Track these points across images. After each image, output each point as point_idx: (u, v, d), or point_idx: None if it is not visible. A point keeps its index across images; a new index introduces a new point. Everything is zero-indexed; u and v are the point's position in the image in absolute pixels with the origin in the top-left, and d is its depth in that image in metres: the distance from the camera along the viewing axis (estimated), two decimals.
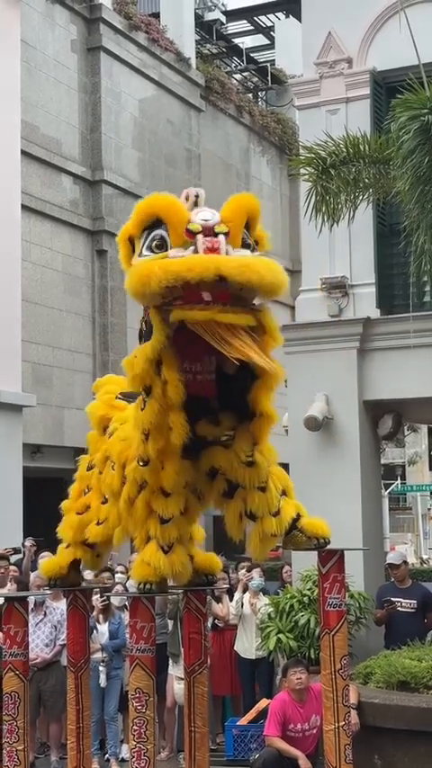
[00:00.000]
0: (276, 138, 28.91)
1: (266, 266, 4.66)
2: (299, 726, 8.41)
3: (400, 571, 10.53)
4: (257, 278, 4.59)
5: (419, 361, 11.33)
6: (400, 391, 11.59)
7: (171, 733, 10.63)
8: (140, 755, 5.21)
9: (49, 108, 20.68)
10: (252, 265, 4.61)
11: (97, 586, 9.40)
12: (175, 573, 5.21)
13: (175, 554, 5.15)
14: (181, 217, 4.89)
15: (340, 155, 9.78)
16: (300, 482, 11.63)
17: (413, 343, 10.95)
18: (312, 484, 11.44)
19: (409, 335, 11.48)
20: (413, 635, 9.43)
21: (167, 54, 24.04)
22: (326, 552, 5.64)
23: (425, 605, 10.46)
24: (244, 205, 5.06)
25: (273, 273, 4.68)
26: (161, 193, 5.06)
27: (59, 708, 10.17)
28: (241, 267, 4.58)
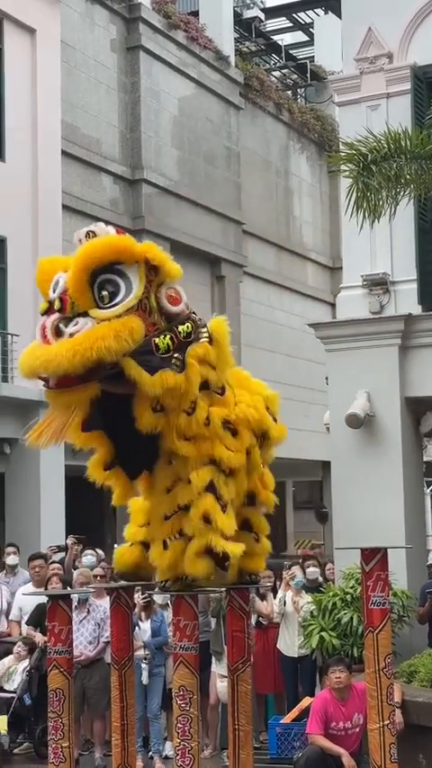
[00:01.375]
0: (316, 135, 28.81)
1: (69, 349, 4.86)
2: (341, 724, 8.38)
3: None
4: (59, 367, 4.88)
5: None
6: None
7: (214, 731, 10.63)
8: (185, 753, 5.23)
9: (89, 108, 20.77)
10: (54, 355, 4.89)
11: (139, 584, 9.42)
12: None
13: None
14: (44, 292, 5.21)
15: (381, 151, 9.72)
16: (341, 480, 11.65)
17: None
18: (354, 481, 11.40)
19: None
20: None
21: (206, 52, 24.05)
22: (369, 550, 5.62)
23: None
24: (83, 260, 5.01)
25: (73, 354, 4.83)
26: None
27: (103, 705, 10.22)
28: (46, 363, 4.95)
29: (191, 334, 5.23)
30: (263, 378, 6.19)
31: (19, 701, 10.38)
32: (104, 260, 5.00)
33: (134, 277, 5.07)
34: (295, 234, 28.26)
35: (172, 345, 5.11)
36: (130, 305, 4.98)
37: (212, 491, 5.27)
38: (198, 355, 5.20)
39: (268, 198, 27.09)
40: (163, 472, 5.47)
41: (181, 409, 5.13)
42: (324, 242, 29.45)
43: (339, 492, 11.71)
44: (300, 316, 26.40)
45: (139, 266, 5.10)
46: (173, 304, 5.22)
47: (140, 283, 5.08)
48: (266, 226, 26.72)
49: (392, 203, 9.97)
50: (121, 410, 5.15)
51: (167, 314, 5.20)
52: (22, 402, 17.55)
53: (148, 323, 5.06)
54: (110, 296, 4.99)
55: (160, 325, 5.14)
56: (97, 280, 4.99)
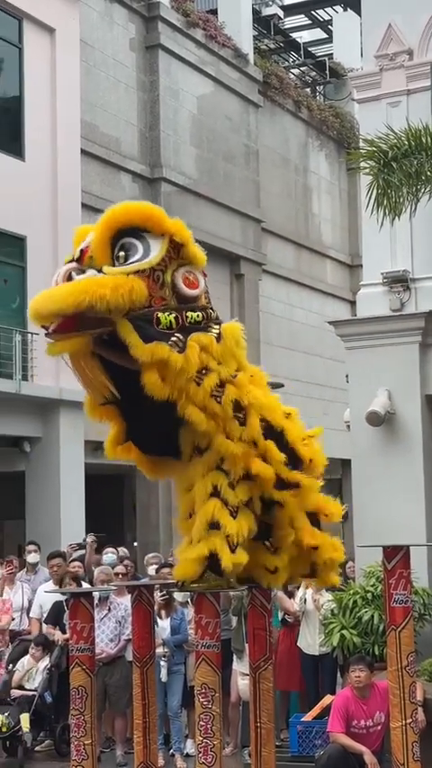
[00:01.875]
0: (335, 133, 28.75)
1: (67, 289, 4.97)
2: (362, 722, 8.36)
3: None
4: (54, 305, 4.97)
5: None
6: None
7: (235, 729, 10.63)
8: (207, 751, 5.23)
9: (108, 107, 20.80)
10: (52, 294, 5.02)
11: (159, 582, 9.45)
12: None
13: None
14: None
15: (401, 147, 9.68)
16: (362, 478, 11.62)
17: None
18: (375, 479, 11.37)
19: None
20: None
21: (225, 50, 24.04)
22: (391, 548, 5.61)
23: None
24: (110, 219, 5.17)
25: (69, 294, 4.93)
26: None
27: (124, 702, 10.24)
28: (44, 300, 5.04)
29: (199, 323, 5.23)
30: (282, 376, 6.22)
31: (40, 699, 10.41)
32: (131, 223, 5.13)
33: (155, 247, 5.14)
34: (314, 231, 28.21)
35: (175, 324, 5.12)
36: (139, 267, 5.04)
37: (217, 495, 5.29)
38: (201, 342, 5.19)
39: (287, 196, 27.05)
40: (182, 472, 5.50)
41: (187, 382, 5.11)
42: (343, 239, 29.39)
43: (360, 490, 11.68)
44: (319, 313, 26.35)
45: (164, 239, 5.16)
46: (188, 287, 5.25)
47: (159, 254, 5.13)
48: (285, 223, 26.68)
49: (413, 200, 9.92)
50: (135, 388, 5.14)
51: (180, 295, 5.22)
52: (42, 401, 17.61)
53: (156, 295, 5.09)
54: (125, 257, 5.07)
55: (169, 303, 5.15)
56: (120, 241, 5.07)
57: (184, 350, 5.08)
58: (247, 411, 5.42)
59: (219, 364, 5.25)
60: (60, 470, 17.78)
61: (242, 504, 5.36)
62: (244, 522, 5.32)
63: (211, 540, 5.22)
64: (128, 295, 4.92)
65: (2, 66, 18.53)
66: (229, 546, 5.21)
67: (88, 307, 4.86)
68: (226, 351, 5.33)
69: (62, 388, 17.66)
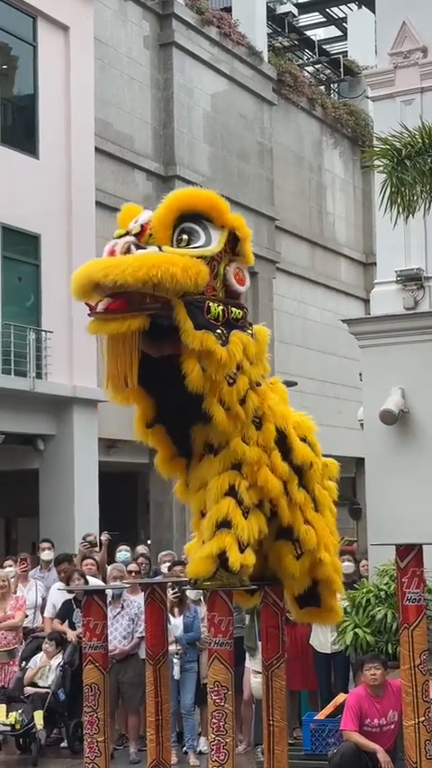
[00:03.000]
0: (349, 131, 28.70)
1: (137, 261, 4.77)
2: (376, 721, 8.35)
3: None
4: (121, 275, 4.72)
5: None
6: None
7: (248, 727, 10.64)
8: (220, 748, 5.24)
9: (122, 105, 20.81)
10: (119, 263, 4.78)
11: (171, 580, 9.46)
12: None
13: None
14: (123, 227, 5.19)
15: (416, 145, 9.67)
16: (376, 476, 11.61)
17: None
18: (389, 478, 11.36)
19: None
20: None
21: (239, 48, 24.02)
22: (404, 547, 5.60)
23: None
24: (176, 201, 5.16)
25: (139, 266, 4.75)
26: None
27: (137, 700, 10.26)
28: (107, 268, 4.77)
29: (240, 320, 5.24)
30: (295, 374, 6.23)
31: (54, 696, 10.44)
32: (195, 208, 5.15)
33: (215, 237, 5.16)
34: (328, 230, 28.17)
35: (221, 317, 5.10)
36: (203, 254, 5.04)
37: (233, 495, 5.29)
38: (242, 340, 5.21)
39: (301, 194, 27.02)
40: (194, 471, 5.51)
41: (223, 378, 5.10)
42: (357, 238, 29.34)
43: (374, 488, 11.67)
44: (333, 312, 26.32)
45: (224, 231, 5.18)
46: (238, 283, 5.27)
47: (219, 244, 5.16)
48: (299, 222, 26.65)
49: (427, 198, 9.92)
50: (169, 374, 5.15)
51: (230, 289, 5.26)
52: (55, 399, 17.65)
53: (210, 285, 5.08)
54: (187, 241, 5.07)
55: (218, 295, 5.15)
56: (181, 224, 5.07)
57: (227, 344, 5.09)
58: (264, 417, 5.44)
59: (251, 365, 5.27)
60: (74, 468, 17.81)
61: (254, 505, 5.37)
62: (255, 523, 5.33)
63: (222, 539, 5.23)
64: (195, 278, 4.88)
65: (16, 64, 18.57)
66: (239, 545, 5.22)
67: (157, 283, 4.75)
68: (260, 352, 5.37)
69: (76, 385, 17.70)
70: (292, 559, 5.67)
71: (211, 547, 5.24)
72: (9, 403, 16.72)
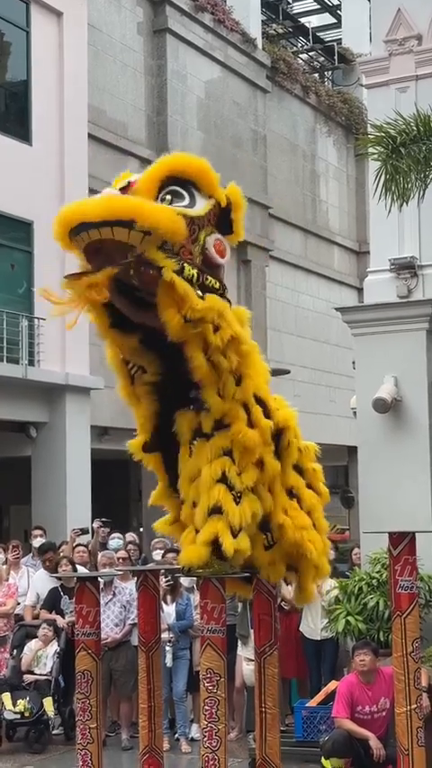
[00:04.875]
0: (343, 119, 28.65)
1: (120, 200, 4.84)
2: (367, 708, 8.38)
3: None
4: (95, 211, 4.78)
5: None
6: None
7: (240, 714, 10.67)
8: (212, 735, 5.25)
9: (115, 91, 20.74)
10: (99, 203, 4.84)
11: (164, 567, 9.47)
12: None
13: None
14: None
15: (410, 133, 9.61)
16: (368, 464, 11.61)
17: None
18: (381, 466, 11.35)
19: None
20: None
21: (233, 35, 23.94)
22: (397, 535, 5.61)
23: None
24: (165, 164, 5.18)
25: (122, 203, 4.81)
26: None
27: (129, 687, 10.28)
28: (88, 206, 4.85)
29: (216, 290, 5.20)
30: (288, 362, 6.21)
31: (56, 683, 10.47)
32: (184, 173, 5.18)
33: (200, 204, 5.15)
34: (321, 218, 28.15)
35: (196, 280, 5.06)
36: (184, 213, 5.02)
37: (224, 481, 5.29)
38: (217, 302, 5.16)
39: (294, 182, 26.98)
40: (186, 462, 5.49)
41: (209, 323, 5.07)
42: (350, 226, 29.32)
43: (366, 476, 11.67)
44: (326, 300, 26.32)
45: (210, 200, 5.20)
46: (218, 254, 5.23)
47: (203, 209, 5.14)
48: (293, 210, 26.62)
49: (421, 186, 9.87)
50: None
51: (208, 259, 5.21)
52: (48, 386, 17.63)
53: (187, 248, 5.06)
54: (170, 202, 5.06)
55: (194, 261, 5.11)
56: (168, 186, 5.07)
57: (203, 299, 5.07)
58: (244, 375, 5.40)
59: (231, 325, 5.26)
60: (66, 456, 17.80)
61: (247, 488, 5.35)
62: (248, 507, 5.31)
63: (214, 525, 5.23)
64: (176, 230, 4.88)
65: (9, 49, 18.48)
66: (232, 531, 5.21)
67: (142, 221, 4.73)
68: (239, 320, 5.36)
69: (68, 373, 17.68)
70: (261, 549, 5.65)
71: (203, 534, 5.24)
72: (1, 390, 16.70)
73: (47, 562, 11.43)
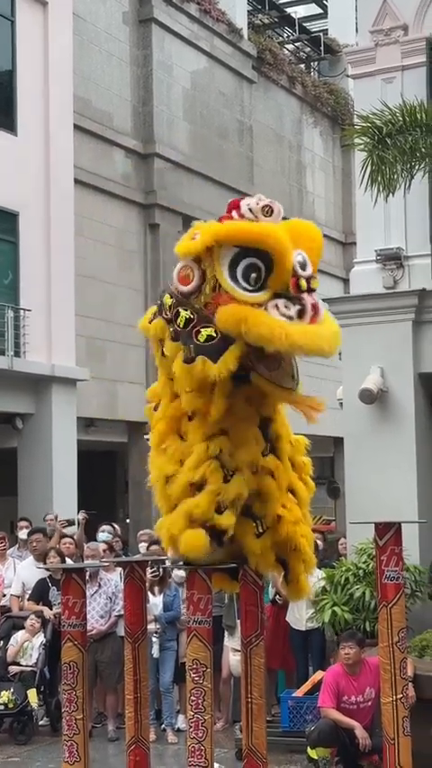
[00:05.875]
0: (329, 109, 28.62)
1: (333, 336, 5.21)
2: (353, 698, 8.40)
3: None
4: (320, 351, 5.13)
5: None
6: None
7: (227, 704, 10.69)
8: (198, 726, 5.25)
9: (100, 81, 20.66)
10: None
11: (150, 558, 9.46)
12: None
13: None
14: (289, 261, 5.08)
15: (396, 124, 9.64)
16: (354, 455, 11.63)
17: None
18: (367, 457, 11.38)
19: None
20: None
21: (219, 25, 23.87)
22: (383, 525, 5.61)
23: None
24: (319, 247, 5.38)
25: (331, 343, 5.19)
26: (264, 223, 5.22)
27: (115, 678, 10.28)
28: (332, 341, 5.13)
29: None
30: None
31: (41, 674, 10.46)
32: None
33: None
34: (308, 208, 28.12)
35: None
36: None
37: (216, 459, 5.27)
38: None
39: (281, 172, 26.95)
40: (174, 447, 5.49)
41: None
42: (336, 217, 29.31)
43: (352, 467, 11.70)
44: None
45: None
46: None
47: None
48: (279, 200, 25.73)
49: (407, 177, 9.90)
50: None
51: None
52: (34, 377, 17.59)
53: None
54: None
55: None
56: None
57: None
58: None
59: None
60: (53, 447, 17.77)
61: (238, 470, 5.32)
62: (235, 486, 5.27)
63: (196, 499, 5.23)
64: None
65: None
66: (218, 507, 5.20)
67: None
68: None
69: (54, 364, 17.64)
70: (252, 537, 5.61)
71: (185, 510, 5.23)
72: None
73: (34, 542, 11.41)
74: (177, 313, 5.11)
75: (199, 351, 5.02)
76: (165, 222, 21.55)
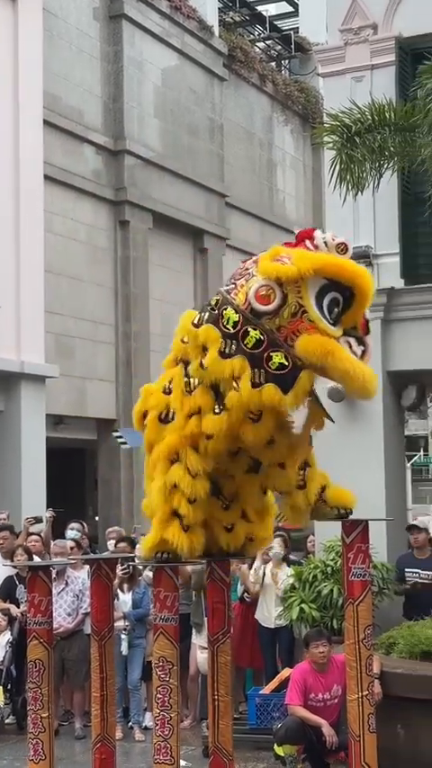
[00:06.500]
0: (299, 108, 28.66)
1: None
2: (320, 695, 8.43)
3: (421, 537, 10.63)
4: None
5: None
6: (423, 362, 11.50)
7: (194, 702, 10.69)
8: (164, 723, 5.25)
9: (71, 77, 20.57)
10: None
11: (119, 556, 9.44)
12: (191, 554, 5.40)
13: (194, 535, 5.34)
14: (369, 300, 5.24)
15: (365, 122, 9.65)
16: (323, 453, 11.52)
17: None
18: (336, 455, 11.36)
19: None
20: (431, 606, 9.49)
21: (190, 22, 23.83)
22: (350, 523, 5.63)
23: None
24: (372, 295, 5.31)
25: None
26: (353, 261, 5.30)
27: (82, 676, 10.26)
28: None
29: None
30: None
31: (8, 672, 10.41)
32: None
33: None
34: (278, 206, 28.17)
35: None
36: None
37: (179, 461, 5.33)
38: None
39: (251, 170, 26.97)
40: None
41: None
42: (307, 215, 29.35)
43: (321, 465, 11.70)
44: None
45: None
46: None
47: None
48: (249, 198, 26.61)
49: (376, 176, 9.92)
50: None
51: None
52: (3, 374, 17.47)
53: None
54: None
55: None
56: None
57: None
58: None
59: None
60: (21, 444, 17.66)
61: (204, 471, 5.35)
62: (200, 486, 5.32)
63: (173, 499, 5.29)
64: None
65: None
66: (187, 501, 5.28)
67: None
68: None
69: (24, 361, 17.53)
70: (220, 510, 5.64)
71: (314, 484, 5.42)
72: None
73: (1, 540, 11.36)
74: (247, 332, 5.05)
75: (269, 378, 5.04)
76: (135, 219, 21.52)
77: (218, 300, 5.24)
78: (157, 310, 21.74)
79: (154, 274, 22.18)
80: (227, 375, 5.05)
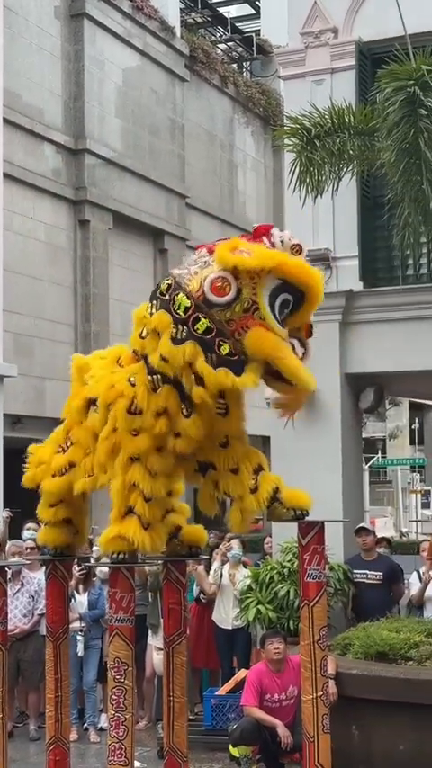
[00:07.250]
0: (261, 110, 28.73)
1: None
2: (276, 696, 8.45)
3: (369, 539, 10.75)
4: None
5: (401, 335, 11.33)
6: (381, 364, 11.58)
7: (150, 703, 10.68)
8: (119, 724, 5.24)
9: (31, 76, 20.46)
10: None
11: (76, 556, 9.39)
12: (153, 550, 5.42)
13: (154, 532, 5.33)
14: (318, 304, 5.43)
15: (325, 126, 9.68)
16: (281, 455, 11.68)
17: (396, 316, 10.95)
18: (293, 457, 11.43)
19: (391, 308, 11.48)
20: (378, 607, 9.61)
21: (152, 22, 23.80)
22: (306, 524, 5.64)
23: (390, 578, 10.65)
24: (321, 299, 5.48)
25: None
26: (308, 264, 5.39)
27: (38, 677, 10.20)
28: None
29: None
30: None
31: None
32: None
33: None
34: (239, 208, 28.21)
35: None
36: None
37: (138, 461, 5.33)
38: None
39: (212, 171, 26.99)
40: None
41: None
42: (267, 217, 29.36)
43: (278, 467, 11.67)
44: None
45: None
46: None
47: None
48: (210, 199, 26.62)
49: (335, 179, 9.95)
50: None
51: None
52: None
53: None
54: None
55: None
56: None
57: None
58: None
59: None
60: None
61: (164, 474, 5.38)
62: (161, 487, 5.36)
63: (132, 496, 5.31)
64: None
65: None
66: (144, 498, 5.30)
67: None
68: None
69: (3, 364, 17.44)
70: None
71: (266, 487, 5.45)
72: None
73: None
74: (198, 318, 5.09)
75: (221, 362, 5.08)
76: (95, 219, 21.45)
77: (169, 285, 5.26)
78: (116, 310, 21.68)
79: (114, 274, 22.13)
80: (180, 361, 5.08)
